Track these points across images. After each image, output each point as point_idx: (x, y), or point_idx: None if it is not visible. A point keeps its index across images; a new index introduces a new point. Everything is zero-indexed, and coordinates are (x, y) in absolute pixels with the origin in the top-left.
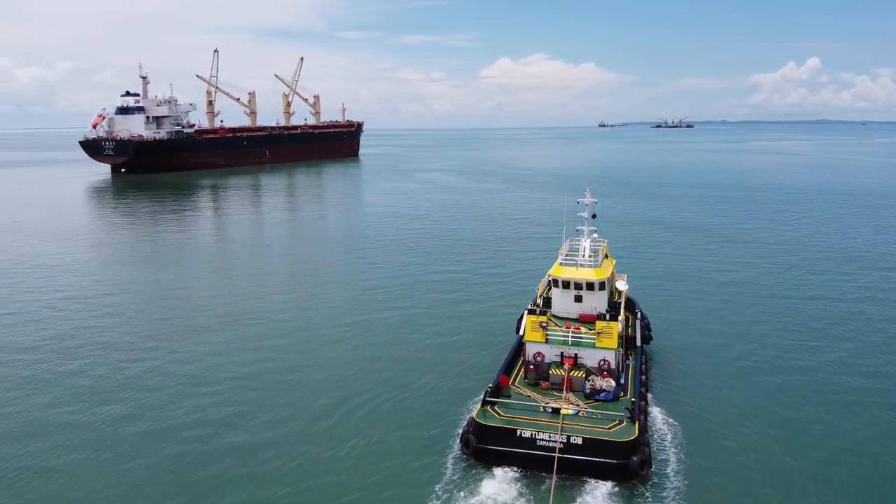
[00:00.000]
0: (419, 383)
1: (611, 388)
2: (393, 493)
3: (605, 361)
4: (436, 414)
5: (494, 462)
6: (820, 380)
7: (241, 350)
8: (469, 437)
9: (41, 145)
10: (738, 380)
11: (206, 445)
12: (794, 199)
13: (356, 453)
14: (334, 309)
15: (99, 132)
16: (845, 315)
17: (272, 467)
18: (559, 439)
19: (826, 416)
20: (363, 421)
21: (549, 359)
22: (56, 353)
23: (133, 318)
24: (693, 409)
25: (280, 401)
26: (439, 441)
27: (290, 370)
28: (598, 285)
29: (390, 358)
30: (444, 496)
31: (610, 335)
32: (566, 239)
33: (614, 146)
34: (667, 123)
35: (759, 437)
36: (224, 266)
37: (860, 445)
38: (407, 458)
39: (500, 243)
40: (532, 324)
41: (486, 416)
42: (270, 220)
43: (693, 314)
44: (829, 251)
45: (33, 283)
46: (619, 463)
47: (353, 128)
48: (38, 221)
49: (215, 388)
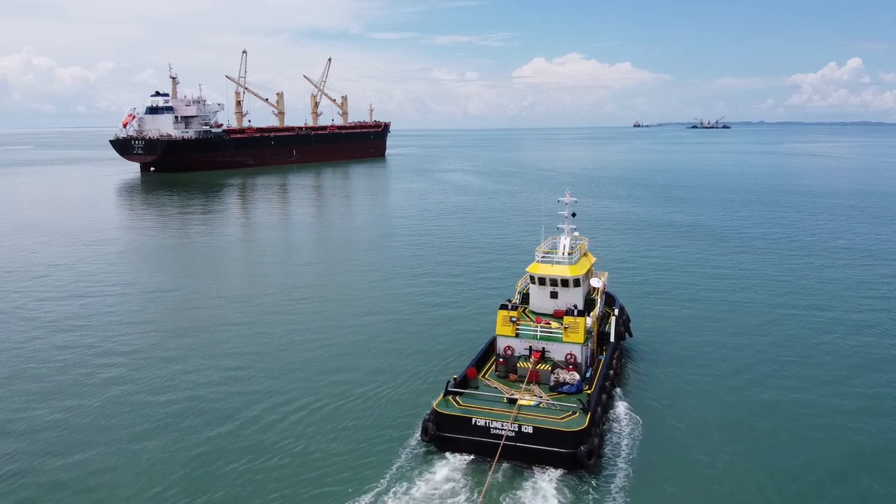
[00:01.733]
0: (393, 378)
1: (574, 381)
2: (348, 474)
3: (572, 355)
4: (407, 405)
5: (451, 449)
6: (791, 388)
7: (219, 347)
8: (428, 425)
9: (79, 144)
10: (710, 380)
11: (195, 434)
12: (818, 203)
13: (325, 438)
14: (327, 303)
15: (129, 131)
16: (834, 323)
17: (235, 447)
18: (511, 428)
19: (791, 425)
20: (337, 409)
21: (518, 352)
22: (58, 349)
23: (154, 311)
24: (658, 405)
25: (259, 389)
26: (405, 429)
27: (277, 359)
28: (572, 282)
29: (375, 352)
30: (396, 478)
31: (577, 330)
32: (546, 237)
33: (646, 147)
34: (702, 124)
35: (717, 437)
36: (220, 263)
37: (818, 460)
38: (370, 444)
39: (497, 244)
40: (503, 318)
41: (447, 405)
42: (281, 220)
43: (680, 314)
44: (850, 258)
45: (54, 282)
46: (567, 452)
47: (380, 128)
48: (68, 219)
49: (202, 377)
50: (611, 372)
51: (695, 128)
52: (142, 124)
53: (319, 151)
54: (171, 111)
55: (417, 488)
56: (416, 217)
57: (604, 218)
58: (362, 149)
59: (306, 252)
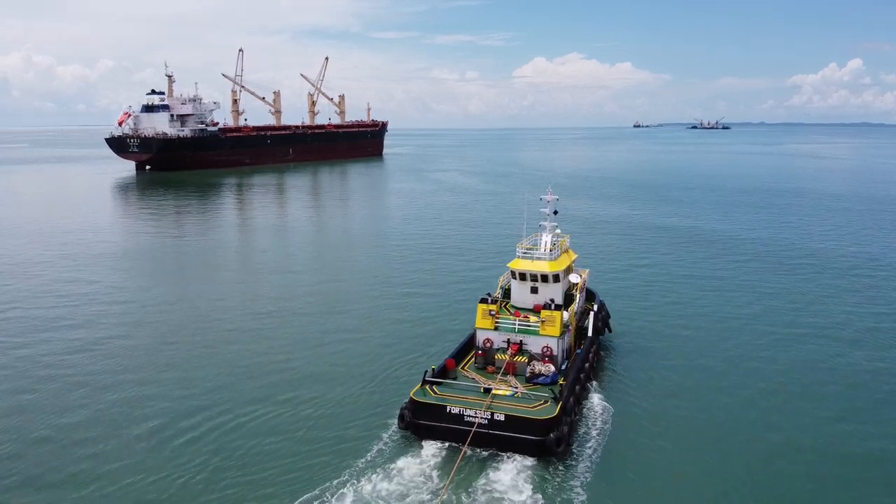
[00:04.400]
0: (374, 370)
1: (549, 372)
2: (323, 460)
3: (548, 348)
4: (386, 395)
5: (425, 436)
6: (765, 387)
7: (208, 331)
8: (405, 412)
9: (76, 142)
10: (686, 376)
11: (174, 425)
12: (809, 205)
13: (305, 426)
14: (311, 298)
15: (124, 129)
16: (814, 324)
17: (213, 434)
18: (484, 416)
19: (762, 423)
20: (318, 399)
21: (497, 345)
22: (51, 348)
23: (143, 313)
24: (631, 398)
25: (238, 379)
26: (383, 417)
27: (264, 352)
28: (552, 277)
29: (357, 346)
30: (371, 465)
31: (553, 323)
32: (528, 234)
33: (645, 147)
34: (702, 124)
35: (686, 431)
36: (209, 264)
37: (785, 454)
38: (347, 431)
39: (483, 241)
40: (483, 312)
41: (423, 394)
42: (272, 219)
43: (661, 312)
44: (825, 260)
45: (46, 284)
46: (536, 440)
47: (378, 127)
48: (51, 219)
49: (188, 372)
50: (587, 365)
51: (694, 128)
52: (137, 122)
53: (316, 150)
54: (167, 109)
55: (391, 473)
56: (406, 216)
57: (592, 218)
58: (359, 148)
59: (295, 249)
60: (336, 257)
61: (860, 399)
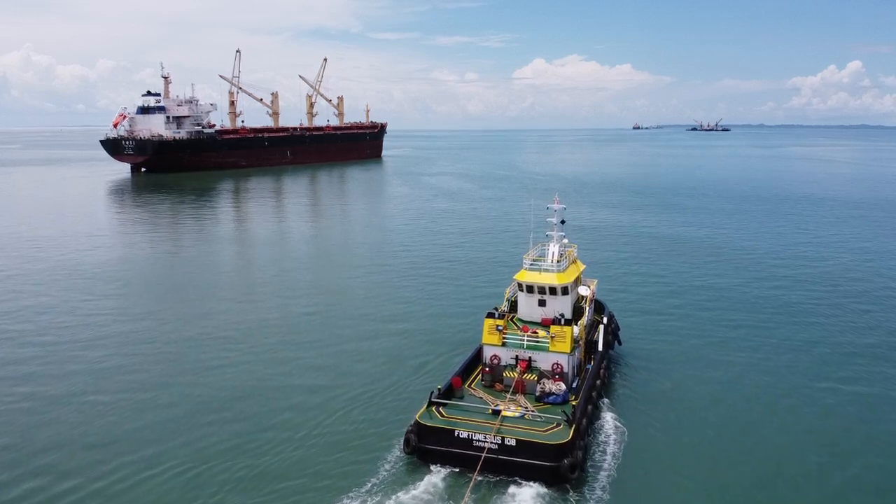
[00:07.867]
0: (377, 388)
1: (560, 391)
2: (325, 484)
3: (558, 365)
4: (391, 415)
5: (433, 461)
6: (784, 403)
7: (199, 354)
8: (410, 436)
9: (72, 143)
10: (700, 391)
11: (169, 447)
12: (817, 212)
13: (305, 449)
14: (311, 312)
15: (120, 131)
16: (827, 335)
17: (214, 454)
18: (494, 440)
19: (782, 441)
20: (319, 420)
21: (504, 361)
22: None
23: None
24: (645, 416)
25: (237, 398)
26: (387, 439)
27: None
28: (560, 290)
29: (358, 362)
30: (375, 491)
31: (563, 339)
32: (534, 244)
33: (644, 150)
34: (702, 126)
35: (703, 451)
36: (205, 271)
37: (807, 475)
38: (351, 455)
39: (486, 251)
40: (489, 327)
41: (429, 416)
42: (268, 225)
43: (671, 323)
44: (843, 271)
45: (38, 286)
46: (550, 465)
47: (377, 129)
48: (51, 221)
49: (182, 388)
50: (598, 382)
51: (694, 130)
52: (133, 124)
53: (314, 152)
54: (163, 111)
55: (397, 501)
56: (404, 225)
57: (594, 225)
58: (358, 150)
59: (293, 259)
60: (335, 270)
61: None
